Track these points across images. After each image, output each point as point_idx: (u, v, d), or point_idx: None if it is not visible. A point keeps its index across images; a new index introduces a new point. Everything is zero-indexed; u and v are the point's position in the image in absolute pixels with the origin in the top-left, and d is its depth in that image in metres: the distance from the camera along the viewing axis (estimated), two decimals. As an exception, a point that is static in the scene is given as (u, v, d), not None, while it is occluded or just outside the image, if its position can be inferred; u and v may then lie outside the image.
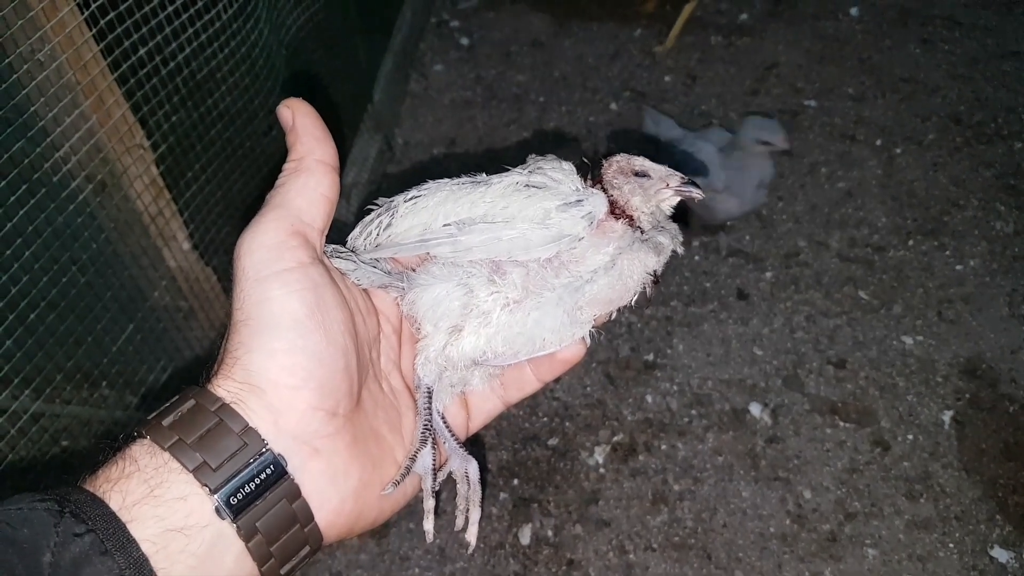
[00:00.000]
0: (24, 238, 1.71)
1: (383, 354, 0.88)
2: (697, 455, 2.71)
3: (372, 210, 0.94)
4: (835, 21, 4.39)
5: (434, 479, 0.87)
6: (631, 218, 0.89)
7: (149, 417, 0.72)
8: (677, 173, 0.91)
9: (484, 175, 0.91)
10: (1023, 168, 3.49)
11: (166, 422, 0.70)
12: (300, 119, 0.82)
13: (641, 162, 0.92)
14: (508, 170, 0.92)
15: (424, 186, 0.92)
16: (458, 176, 0.92)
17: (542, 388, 0.95)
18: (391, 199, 0.93)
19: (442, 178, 0.93)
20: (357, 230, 0.93)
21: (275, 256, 0.74)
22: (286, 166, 0.81)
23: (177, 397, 0.73)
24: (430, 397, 0.88)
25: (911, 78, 3.98)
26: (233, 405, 0.71)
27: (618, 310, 0.89)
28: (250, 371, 0.72)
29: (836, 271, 3.19)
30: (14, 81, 1.63)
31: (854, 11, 4.42)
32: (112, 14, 1.83)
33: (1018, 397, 2.74)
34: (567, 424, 2.82)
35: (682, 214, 3.02)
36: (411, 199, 0.90)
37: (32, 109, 1.68)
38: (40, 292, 1.82)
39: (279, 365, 0.72)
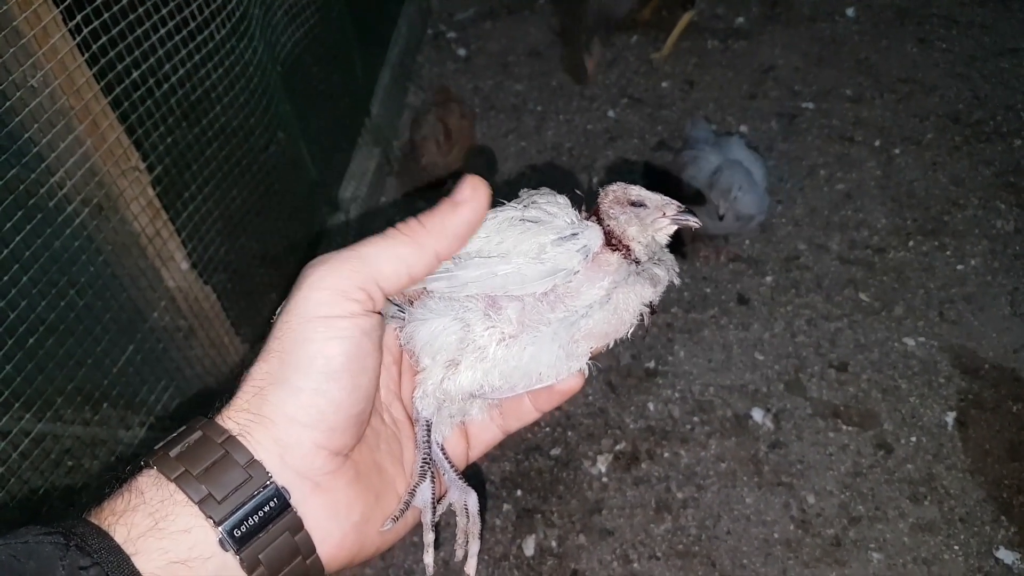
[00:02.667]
0: (21, 263, 1.73)
1: (383, 386, 0.89)
2: (700, 462, 2.71)
3: None
4: (832, 23, 4.39)
5: (433, 512, 0.88)
6: (627, 248, 0.89)
7: (156, 447, 0.73)
8: (674, 202, 0.91)
9: None
10: (1023, 166, 3.47)
11: (173, 453, 0.71)
12: (464, 209, 0.80)
13: (637, 191, 0.91)
14: (503, 203, 0.91)
15: None
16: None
17: (542, 416, 0.95)
18: None
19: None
20: None
21: (332, 300, 0.74)
22: (409, 224, 0.79)
23: (184, 428, 0.74)
24: (429, 430, 0.89)
25: (909, 78, 3.98)
26: (239, 437, 0.72)
27: (615, 341, 0.90)
28: (268, 401, 0.73)
29: (836, 274, 3.19)
30: (8, 108, 1.65)
31: (850, 12, 4.42)
32: (104, 38, 1.84)
33: (1022, 396, 2.73)
34: (569, 434, 2.82)
35: (678, 243, 3.02)
36: None
37: (27, 135, 1.70)
38: (39, 316, 1.83)
39: (298, 403, 0.72)
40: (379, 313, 0.79)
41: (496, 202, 0.92)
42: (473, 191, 0.80)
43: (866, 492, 2.57)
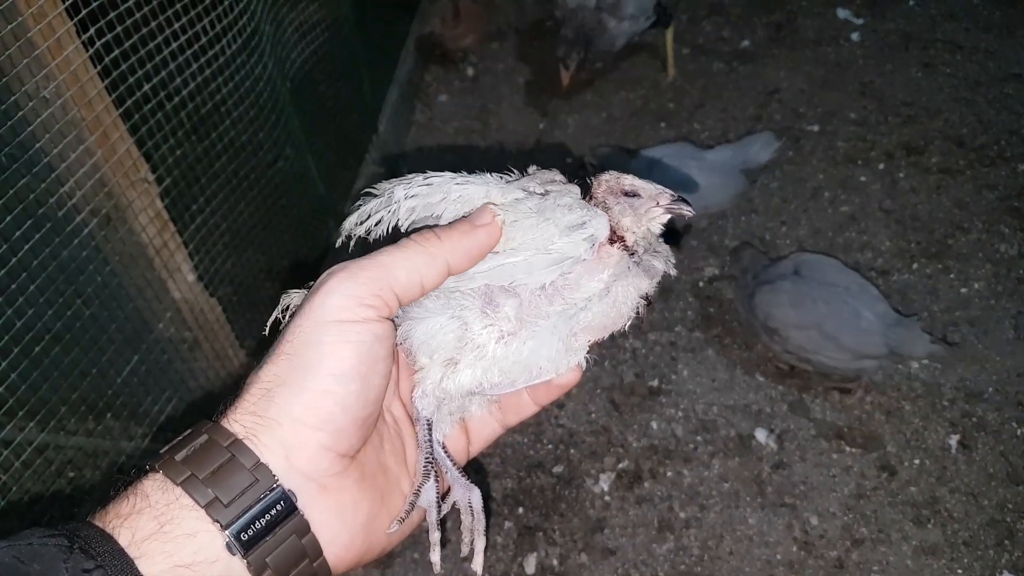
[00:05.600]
0: (29, 272, 1.74)
1: None
2: (703, 481, 2.70)
3: (370, 195, 0.93)
4: (836, 46, 4.42)
5: (438, 511, 0.88)
6: (622, 239, 0.88)
7: (162, 451, 0.73)
8: (667, 191, 0.90)
9: (489, 175, 0.90)
10: (1027, 190, 3.49)
11: (179, 457, 0.71)
12: (481, 232, 0.82)
13: (631, 181, 0.91)
14: (512, 173, 0.91)
15: (428, 178, 0.90)
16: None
17: (541, 411, 0.96)
18: (390, 187, 0.91)
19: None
20: (354, 217, 0.92)
21: (348, 306, 0.75)
22: (426, 235, 0.81)
23: (190, 431, 0.74)
24: (430, 429, 0.88)
25: (913, 102, 3.99)
26: (245, 440, 0.72)
27: (612, 334, 0.90)
28: (274, 403, 0.73)
29: (840, 295, 3.18)
30: (20, 118, 1.66)
31: (855, 36, 4.45)
32: (117, 51, 1.86)
33: (1026, 420, 2.72)
34: (572, 451, 2.82)
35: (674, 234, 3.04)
36: (412, 197, 0.89)
37: (37, 145, 1.71)
38: (45, 325, 1.84)
39: (305, 404, 0.73)
40: (391, 320, 0.79)
41: (507, 170, 0.91)
42: (493, 219, 0.83)
43: (869, 514, 2.55)
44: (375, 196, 0.92)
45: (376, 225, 0.90)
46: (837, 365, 2.75)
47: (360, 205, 0.93)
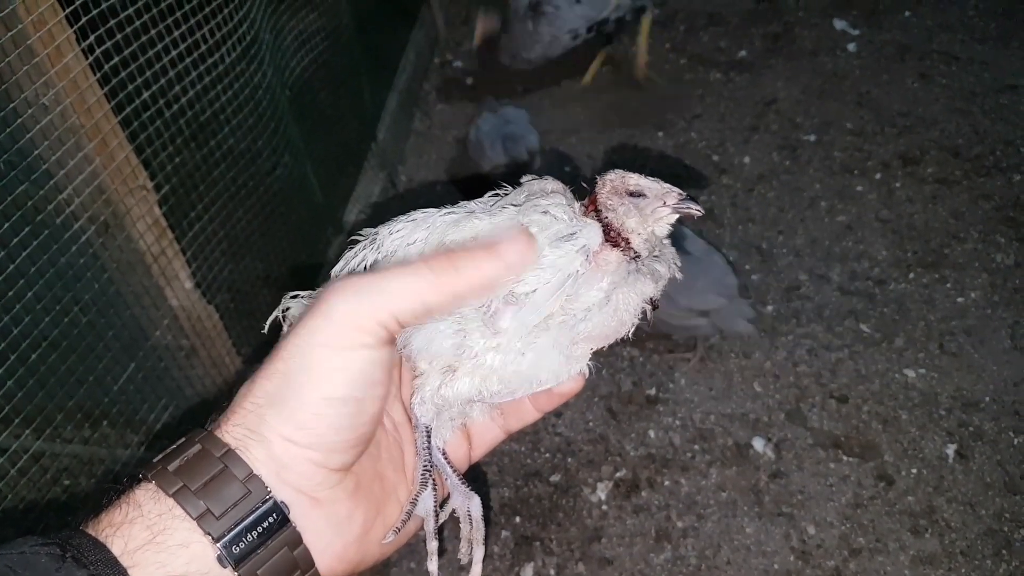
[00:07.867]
0: (27, 279, 1.73)
1: None
2: (700, 491, 2.69)
3: (356, 243, 0.92)
4: (833, 57, 4.44)
5: (436, 519, 0.86)
6: (627, 241, 0.84)
7: (154, 460, 0.72)
8: (675, 189, 0.86)
9: (473, 203, 0.88)
10: (1022, 200, 3.49)
11: (171, 467, 0.70)
12: (499, 263, 0.77)
13: (636, 180, 0.87)
14: (500, 194, 0.89)
15: (411, 216, 0.89)
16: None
17: (543, 417, 0.94)
18: (375, 231, 0.90)
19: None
20: (340, 264, 0.91)
21: (346, 333, 0.73)
22: (440, 261, 0.76)
23: (183, 440, 0.73)
24: (429, 436, 0.87)
25: (909, 112, 4.01)
26: (238, 451, 0.71)
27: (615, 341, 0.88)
28: (265, 421, 0.72)
29: (837, 304, 3.19)
30: (19, 125, 1.66)
31: (852, 47, 4.47)
32: (116, 59, 1.87)
33: (1022, 429, 2.71)
34: (569, 460, 2.81)
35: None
36: (398, 232, 0.88)
37: (36, 152, 1.72)
38: (42, 332, 1.83)
39: (296, 423, 0.72)
40: (391, 343, 0.76)
41: (497, 184, 0.90)
42: (523, 250, 0.78)
43: (867, 524, 2.55)
44: (361, 239, 0.91)
45: (367, 265, 0.88)
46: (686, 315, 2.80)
47: (346, 252, 0.91)
